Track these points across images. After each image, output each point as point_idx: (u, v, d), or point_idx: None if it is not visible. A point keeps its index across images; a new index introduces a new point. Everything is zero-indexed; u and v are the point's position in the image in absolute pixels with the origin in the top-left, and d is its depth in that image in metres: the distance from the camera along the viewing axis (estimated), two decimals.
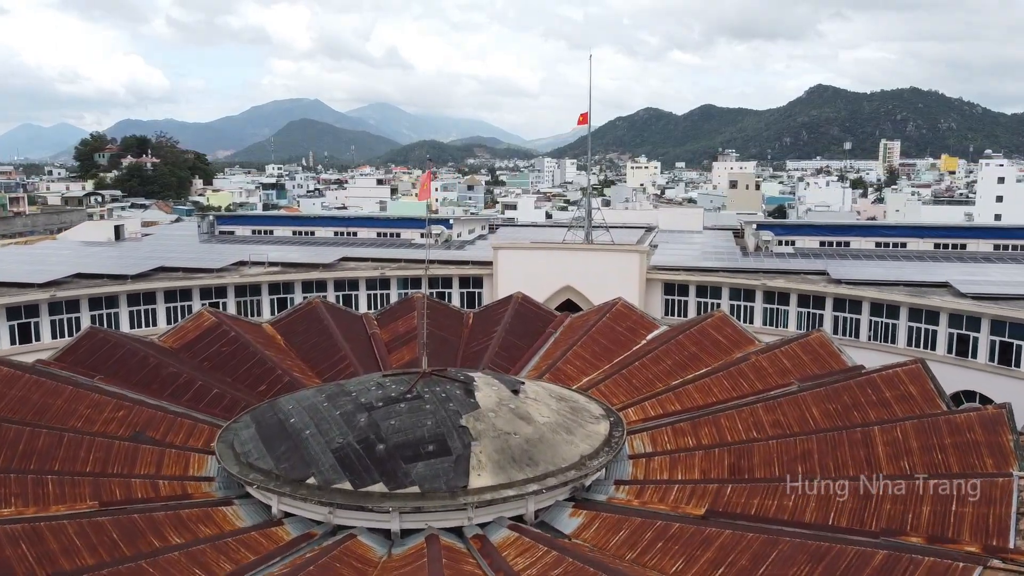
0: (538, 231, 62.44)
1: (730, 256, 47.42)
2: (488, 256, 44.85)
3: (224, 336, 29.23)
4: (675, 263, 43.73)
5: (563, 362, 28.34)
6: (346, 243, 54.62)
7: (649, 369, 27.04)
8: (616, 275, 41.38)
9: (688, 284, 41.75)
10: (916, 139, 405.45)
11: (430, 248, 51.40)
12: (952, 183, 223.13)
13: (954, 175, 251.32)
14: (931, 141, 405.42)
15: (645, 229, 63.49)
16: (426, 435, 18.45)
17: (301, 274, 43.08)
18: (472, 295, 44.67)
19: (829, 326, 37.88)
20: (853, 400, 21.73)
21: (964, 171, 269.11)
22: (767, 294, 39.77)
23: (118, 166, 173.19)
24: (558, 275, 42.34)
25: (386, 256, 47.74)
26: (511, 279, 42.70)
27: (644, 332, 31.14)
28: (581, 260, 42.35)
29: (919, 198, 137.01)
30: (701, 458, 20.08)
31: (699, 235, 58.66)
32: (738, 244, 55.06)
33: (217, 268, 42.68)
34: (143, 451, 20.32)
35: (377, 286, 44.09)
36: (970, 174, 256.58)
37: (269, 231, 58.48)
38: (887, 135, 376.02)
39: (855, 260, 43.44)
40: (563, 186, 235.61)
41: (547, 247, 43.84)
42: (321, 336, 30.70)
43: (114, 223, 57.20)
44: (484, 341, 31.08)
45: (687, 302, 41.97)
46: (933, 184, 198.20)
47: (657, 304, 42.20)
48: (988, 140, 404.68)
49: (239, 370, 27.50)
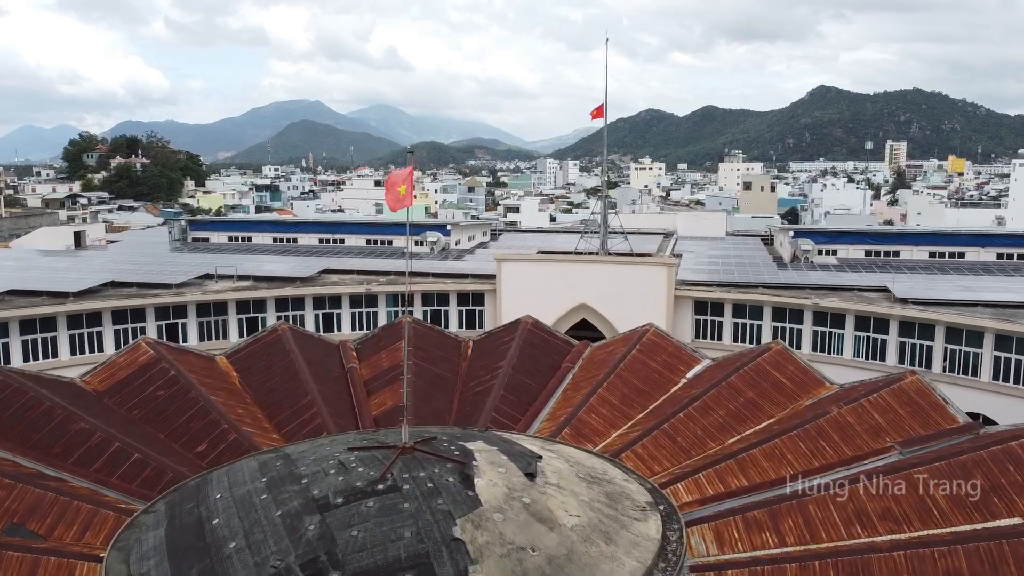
0: (545, 238, 56.72)
1: (767, 268, 41.59)
2: (490, 268, 39.09)
3: (163, 375, 23.37)
4: (706, 277, 37.92)
5: (586, 410, 22.49)
6: (331, 252, 48.86)
7: (697, 422, 21.18)
8: (639, 292, 35.61)
9: (723, 303, 35.95)
10: (920, 140, 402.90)
11: (424, 259, 45.61)
12: (962, 185, 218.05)
13: (963, 176, 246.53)
14: (935, 142, 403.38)
15: (663, 235, 57.79)
16: (403, 555, 12.55)
17: (274, 290, 37.26)
18: (472, 314, 38.90)
19: (894, 354, 32.08)
20: (990, 480, 15.90)
21: (973, 173, 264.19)
22: (818, 315, 33.96)
23: (107, 167, 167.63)
24: (572, 291, 36.59)
25: (374, 268, 41.96)
26: (517, 296, 36.95)
27: (683, 368, 25.30)
28: (598, 274, 36.56)
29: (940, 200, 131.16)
30: (795, 574, 14.24)
31: (725, 243, 52.87)
32: (770, 253, 49.30)
33: (176, 283, 36.87)
34: (7, 558, 14.50)
35: (363, 303, 38.33)
36: (979, 176, 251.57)
37: (247, 238, 52.75)
38: (891, 136, 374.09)
39: (916, 274, 37.56)
40: (566, 187, 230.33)
41: (558, 259, 38.07)
42: (285, 374, 24.85)
43: (74, 229, 51.45)
44: (486, 379, 25.24)
45: (721, 324, 36.17)
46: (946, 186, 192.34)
47: (687, 326, 36.42)
48: (992, 142, 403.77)
49: (175, 422, 21.64)
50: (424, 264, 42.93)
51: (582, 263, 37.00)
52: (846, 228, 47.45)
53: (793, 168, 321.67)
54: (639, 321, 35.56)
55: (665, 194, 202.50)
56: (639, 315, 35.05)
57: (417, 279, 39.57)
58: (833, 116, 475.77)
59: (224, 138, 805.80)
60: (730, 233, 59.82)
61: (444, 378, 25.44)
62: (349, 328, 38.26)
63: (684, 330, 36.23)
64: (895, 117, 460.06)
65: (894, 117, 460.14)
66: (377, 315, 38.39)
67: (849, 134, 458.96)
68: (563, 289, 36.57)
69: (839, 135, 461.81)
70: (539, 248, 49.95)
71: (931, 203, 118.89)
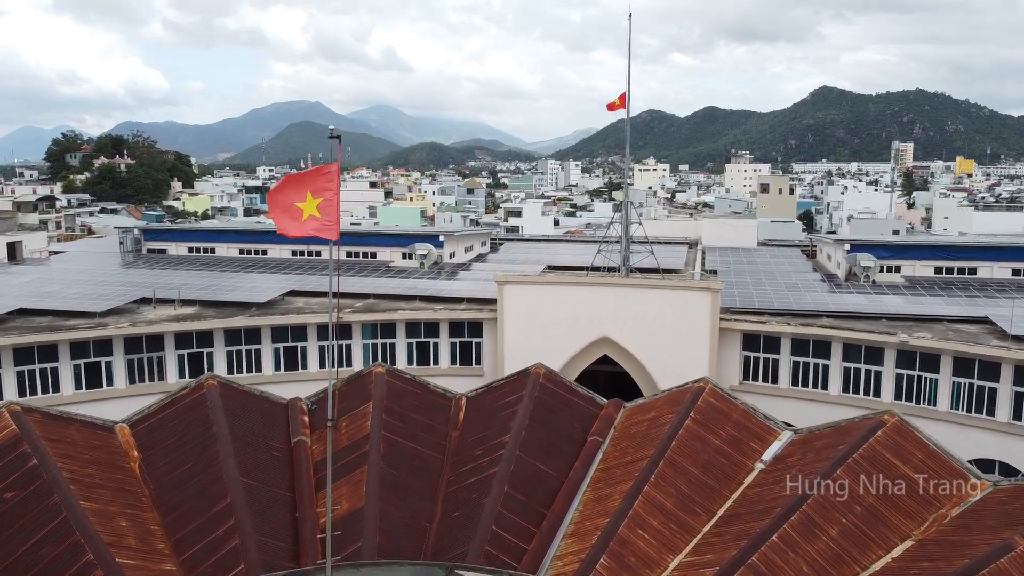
0: (552, 249, 49.59)
1: (824, 290, 34.49)
2: (490, 290, 32.11)
3: (19, 465, 16.32)
4: (757, 302, 30.83)
5: (630, 522, 15.40)
6: (305, 266, 41.80)
7: (801, 551, 14.11)
8: (676, 323, 28.57)
9: (780, 336, 28.89)
10: (924, 141, 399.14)
11: (411, 276, 38.50)
12: (972, 186, 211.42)
13: (972, 178, 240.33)
14: (938, 143, 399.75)
15: (688, 245, 50.76)
16: None
17: (223, 320, 30.15)
18: (467, 347, 31.85)
19: (1006, 408, 25.04)
20: None
21: (982, 174, 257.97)
22: (903, 355, 26.92)
23: (91, 168, 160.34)
24: (590, 321, 29.56)
25: (352, 289, 34.92)
26: (522, 326, 29.94)
27: (756, 445, 18.22)
28: (624, 301, 29.47)
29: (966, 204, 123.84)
30: None
31: (760, 256, 45.75)
32: (815, 268, 42.20)
33: (101, 311, 29.76)
34: None
35: (334, 335, 31.33)
36: (988, 177, 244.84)
37: (210, 249, 45.71)
38: (894, 137, 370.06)
39: (1011, 298, 30.32)
40: (568, 189, 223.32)
41: (573, 281, 30.92)
42: (202, 458, 17.73)
43: (8, 239, 44.35)
44: (484, 463, 18.18)
45: (777, 363, 29.12)
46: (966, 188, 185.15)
47: (734, 365, 29.38)
48: (996, 143, 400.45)
49: (19, 548, 14.64)
50: (409, 285, 35.85)
51: (603, 286, 29.90)
52: (914, 241, 40.40)
53: (797, 169, 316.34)
54: (675, 359, 28.54)
55: (670, 196, 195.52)
56: (676, 352, 28.06)
57: (400, 304, 32.49)
58: (835, 117, 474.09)
59: (224, 139, 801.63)
60: (761, 242, 52.75)
61: (425, 459, 18.43)
62: (317, 366, 31.23)
63: (730, 370, 29.22)
64: (898, 118, 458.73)
65: (897, 118, 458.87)
66: (351, 351, 31.34)
67: (852, 135, 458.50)
68: (579, 318, 29.55)
69: (842, 136, 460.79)
70: (547, 262, 42.87)
71: (960, 207, 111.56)
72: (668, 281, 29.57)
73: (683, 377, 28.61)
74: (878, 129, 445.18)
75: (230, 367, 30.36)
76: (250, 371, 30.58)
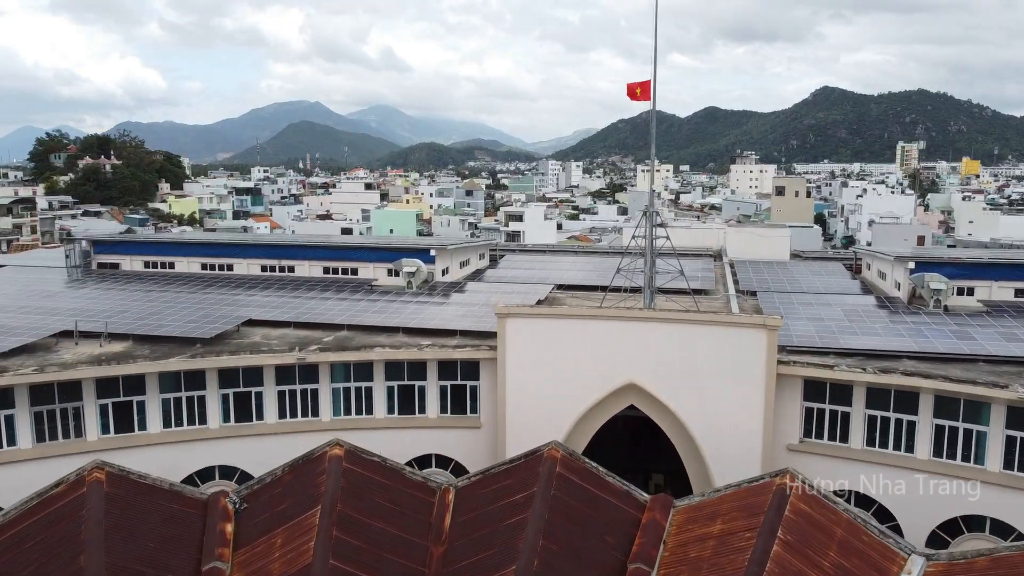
0: (560, 262, 43.67)
1: (890, 319, 28.56)
2: (488, 319, 26.31)
3: None
4: (819, 338, 24.92)
5: None
6: (274, 284, 35.92)
7: None
8: (724, 366, 22.72)
9: (853, 384, 23.02)
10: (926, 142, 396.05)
11: (396, 299, 32.55)
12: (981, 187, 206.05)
13: (980, 179, 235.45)
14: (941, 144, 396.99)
15: (712, 257, 44.96)
16: None
17: (156, 360, 24.19)
18: (460, 392, 25.95)
19: None
20: None
21: (989, 175, 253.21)
22: (1016, 413, 21.08)
23: (75, 168, 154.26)
24: (614, 363, 23.71)
25: (322, 318, 29.00)
26: (529, 370, 24.10)
27: None
28: (657, 338, 23.57)
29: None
30: None
31: (799, 271, 39.83)
32: (864, 288, 36.32)
33: (3, 351, 23.84)
34: None
35: (295, 378, 25.44)
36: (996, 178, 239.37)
37: (169, 264, 39.86)
38: (896, 138, 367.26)
39: None
40: (569, 190, 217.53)
41: (593, 314, 24.94)
42: None
43: None
44: None
45: (847, 417, 23.25)
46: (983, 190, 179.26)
47: (793, 419, 23.49)
48: (999, 143, 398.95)
49: None
50: (393, 310, 29.89)
51: (629, 320, 24.04)
52: (988, 257, 34.57)
53: (799, 170, 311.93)
54: (721, 413, 22.59)
55: (674, 198, 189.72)
56: (721, 404, 22.20)
57: (380, 338, 26.60)
58: (837, 117, 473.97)
59: (224, 139, 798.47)
60: (794, 254, 46.87)
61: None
62: (275, 416, 25.37)
63: (789, 425, 23.37)
64: (900, 118, 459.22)
65: (899, 118, 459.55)
66: (318, 397, 25.47)
67: (854, 135, 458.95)
68: (600, 360, 23.71)
69: (844, 136, 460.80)
70: (554, 279, 37.01)
71: (985, 210, 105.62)
72: (712, 315, 23.63)
73: (732, 438, 22.93)
74: (880, 129, 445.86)
75: (167, 418, 24.54)
76: (191, 422, 24.76)
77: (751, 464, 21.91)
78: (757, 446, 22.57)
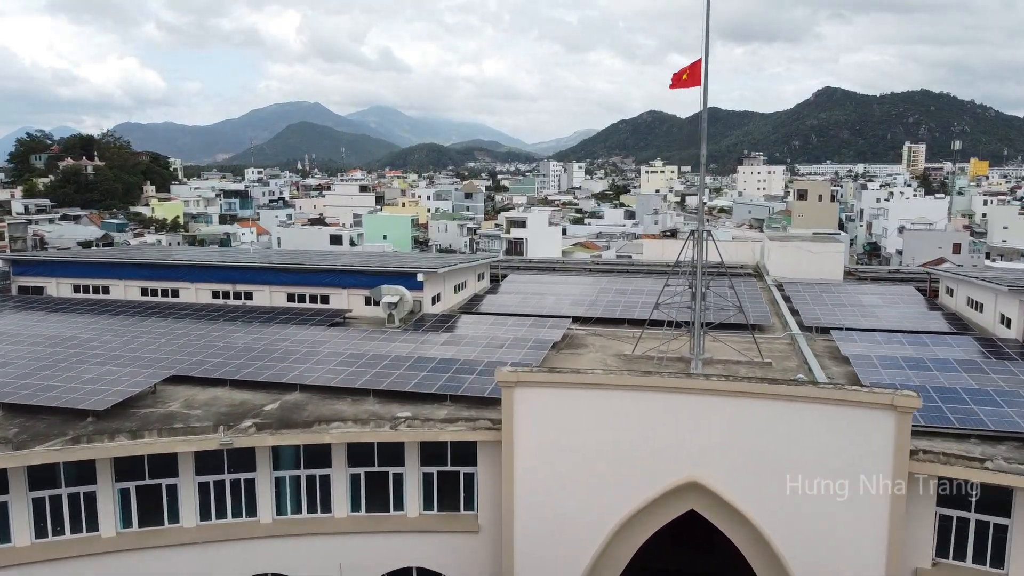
0: (575, 284, 36.48)
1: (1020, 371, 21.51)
2: (485, 383, 19.35)
3: None
4: (952, 415, 17.90)
5: None
6: (227, 315, 28.89)
7: None
8: (831, 463, 15.72)
9: (1013, 489, 16.01)
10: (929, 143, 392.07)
11: (375, 339, 25.41)
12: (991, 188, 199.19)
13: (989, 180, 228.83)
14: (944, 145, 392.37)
15: (753, 276, 37.93)
16: None
17: (18, 455, 17.15)
18: (452, 481, 18.86)
19: None
20: None
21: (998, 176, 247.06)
22: None
23: (55, 170, 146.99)
24: (670, 452, 16.72)
25: (265, 375, 21.88)
26: (546, 459, 17.06)
27: None
28: (731, 420, 16.52)
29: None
30: None
31: (867, 298, 32.67)
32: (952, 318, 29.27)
33: None
34: None
35: (223, 465, 18.42)
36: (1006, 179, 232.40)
37: (103, 288, 32.88)
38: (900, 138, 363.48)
39: None
40: (571, 192, 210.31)
41: (636, 383, 17.60)
42: None
43: None
44: None
45: (1004, 531, 16.26)
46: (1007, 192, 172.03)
47: (924, 531, 16.49)
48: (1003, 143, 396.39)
49: None
50: (365, 363, 22.69)
51: (690, 393, 16.94)
52: None
53: (803, 171, 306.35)
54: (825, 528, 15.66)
55: (680, 199, 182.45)
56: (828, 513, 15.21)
57: (342, 407, 19.52)
58: (840, 118, 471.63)
59: (223, 140, 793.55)
60: (847, 271, 39.77)
61: None
62: (194, 519, 18.28)
63: (917, 539, 16.35)
64: (903, 119, 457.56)
65: (902, 119, 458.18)
66: (254, 487, 18.43)
67: (856, 136, 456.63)
68: (647, 447, 16.70)
69: (846, 137, 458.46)
70: (568, 310, 29.94)
71: (1022, 215, 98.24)
72: (812, 389, 16.48)
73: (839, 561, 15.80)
74: (883, 130, 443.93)
75: (39, 525, 17.52)
76: (76, 529, 17.71)
77: None
78: (878, 573, 15.60)
